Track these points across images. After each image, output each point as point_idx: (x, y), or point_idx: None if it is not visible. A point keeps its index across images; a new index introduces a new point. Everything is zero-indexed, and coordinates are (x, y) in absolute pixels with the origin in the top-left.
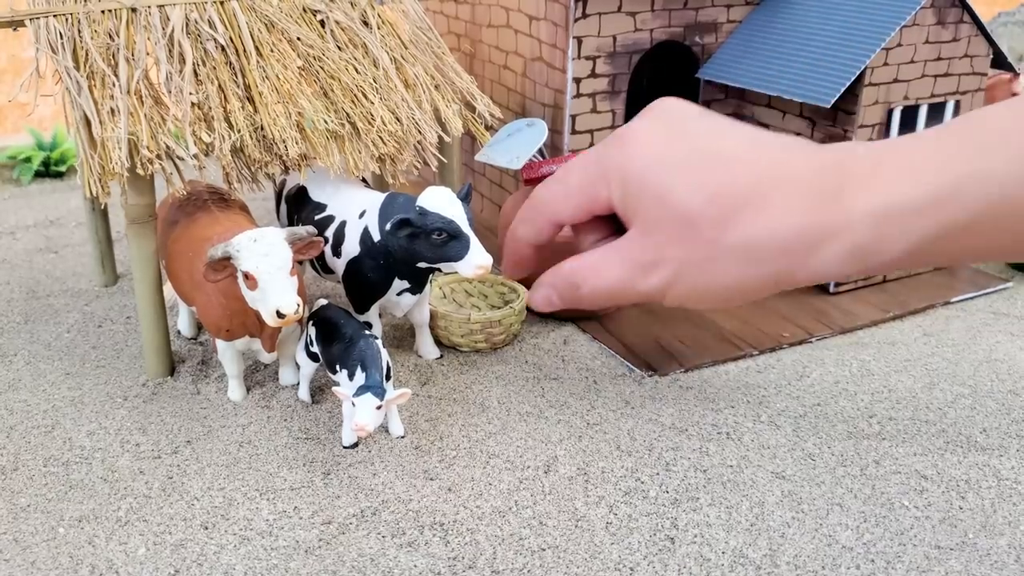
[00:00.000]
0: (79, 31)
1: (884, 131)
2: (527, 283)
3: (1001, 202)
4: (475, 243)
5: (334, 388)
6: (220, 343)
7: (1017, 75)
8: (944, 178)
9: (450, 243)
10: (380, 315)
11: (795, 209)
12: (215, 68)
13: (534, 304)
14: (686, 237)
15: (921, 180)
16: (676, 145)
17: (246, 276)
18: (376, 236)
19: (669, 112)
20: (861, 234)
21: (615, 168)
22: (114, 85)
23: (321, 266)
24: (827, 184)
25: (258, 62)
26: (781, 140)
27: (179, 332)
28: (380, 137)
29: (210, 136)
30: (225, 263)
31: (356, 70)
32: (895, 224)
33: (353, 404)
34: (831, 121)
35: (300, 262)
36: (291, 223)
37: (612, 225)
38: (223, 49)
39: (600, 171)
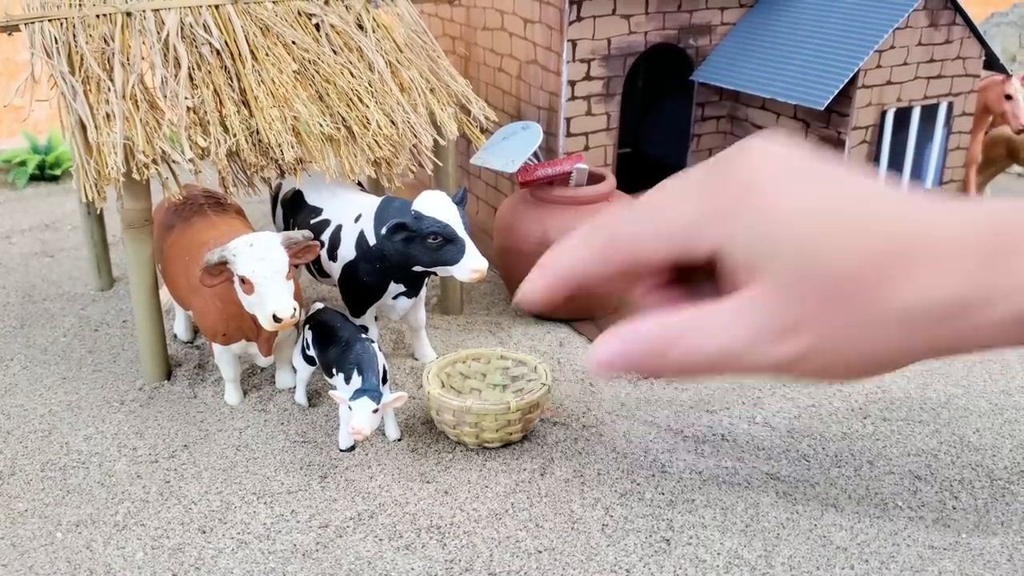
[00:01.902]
0: (74, 36)
1: (877, 133)
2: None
3: None
4: (470, 247)
5: (331, 392)
6: (217, 347)
7: (1009, 76)
8: None
9: (445, 247)
10: (376, 318)
11: (956, 271)
12: (210, 72)
13: (595, 366)
14: (834, 300)
15: None
16: (811, 192)
17: (242, 280)
18: (372, 240)
19: (771, 152)
20: None
21: (738, 210)
22: (109, 90)
23: (317, 270)
24: (988, 244)
25: (253, 66)
26: (915, 192)
27: (175, 336)
28: (375, 141)
29: (206, 140)
30: (221, 267)
31: (351, 74)
32: None
33: (350, 407)
34: (824, 123)
35: (296, 266)
36: (287, 227)
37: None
38: (218, 53)
39: (716, 210)
